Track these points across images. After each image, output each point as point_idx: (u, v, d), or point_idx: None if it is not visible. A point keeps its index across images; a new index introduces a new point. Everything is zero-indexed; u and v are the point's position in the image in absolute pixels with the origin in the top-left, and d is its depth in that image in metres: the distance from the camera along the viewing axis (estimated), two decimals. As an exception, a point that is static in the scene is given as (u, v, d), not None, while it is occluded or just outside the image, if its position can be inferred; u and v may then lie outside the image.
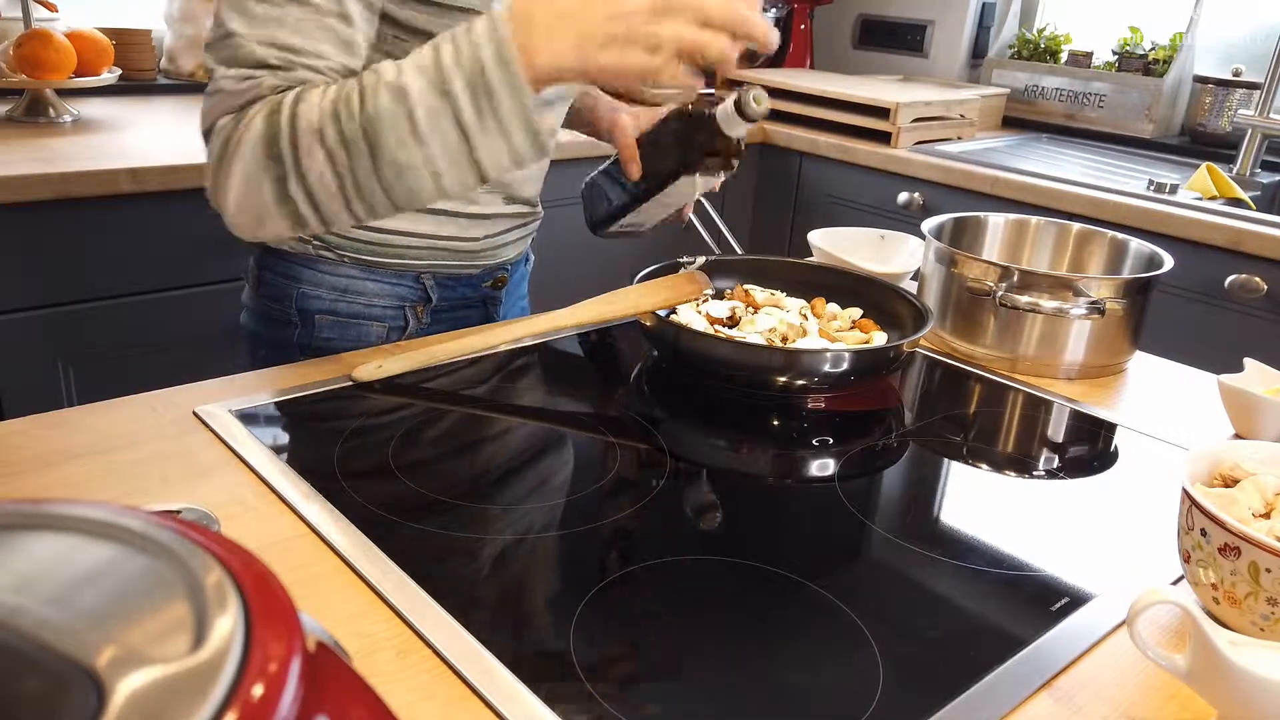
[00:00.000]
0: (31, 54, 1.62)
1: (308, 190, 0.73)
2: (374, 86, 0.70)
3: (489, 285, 1.07)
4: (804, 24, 2.72)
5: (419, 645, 0.53)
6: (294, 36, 0.74)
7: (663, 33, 0.67)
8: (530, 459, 0.75)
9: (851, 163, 2.11)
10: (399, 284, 0.99)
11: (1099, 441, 0.85)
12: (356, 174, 0.71)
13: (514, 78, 0.68)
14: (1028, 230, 1.15)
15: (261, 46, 0.74)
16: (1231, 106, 2.16)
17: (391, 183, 0.72)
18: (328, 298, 0.98)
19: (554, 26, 0.68)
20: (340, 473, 0.70)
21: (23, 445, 0.70)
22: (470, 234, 1.00)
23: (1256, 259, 1.57)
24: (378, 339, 1.00)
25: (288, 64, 0.74)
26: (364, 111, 0.70)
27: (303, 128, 0.71)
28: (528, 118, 0.70)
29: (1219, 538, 0.55)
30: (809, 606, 0.58)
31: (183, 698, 0.21)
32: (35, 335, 1.41)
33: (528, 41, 0.68)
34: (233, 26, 0.74)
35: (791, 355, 0.84)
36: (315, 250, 0.97)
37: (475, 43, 0.69)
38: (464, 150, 0.71)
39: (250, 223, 0.76)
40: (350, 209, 0.74)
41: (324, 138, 0.71)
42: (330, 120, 0.70)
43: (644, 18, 0.67)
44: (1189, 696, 0.53)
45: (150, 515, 0.27)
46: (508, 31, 0.68)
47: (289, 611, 0.24)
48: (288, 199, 0.73)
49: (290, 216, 0.74)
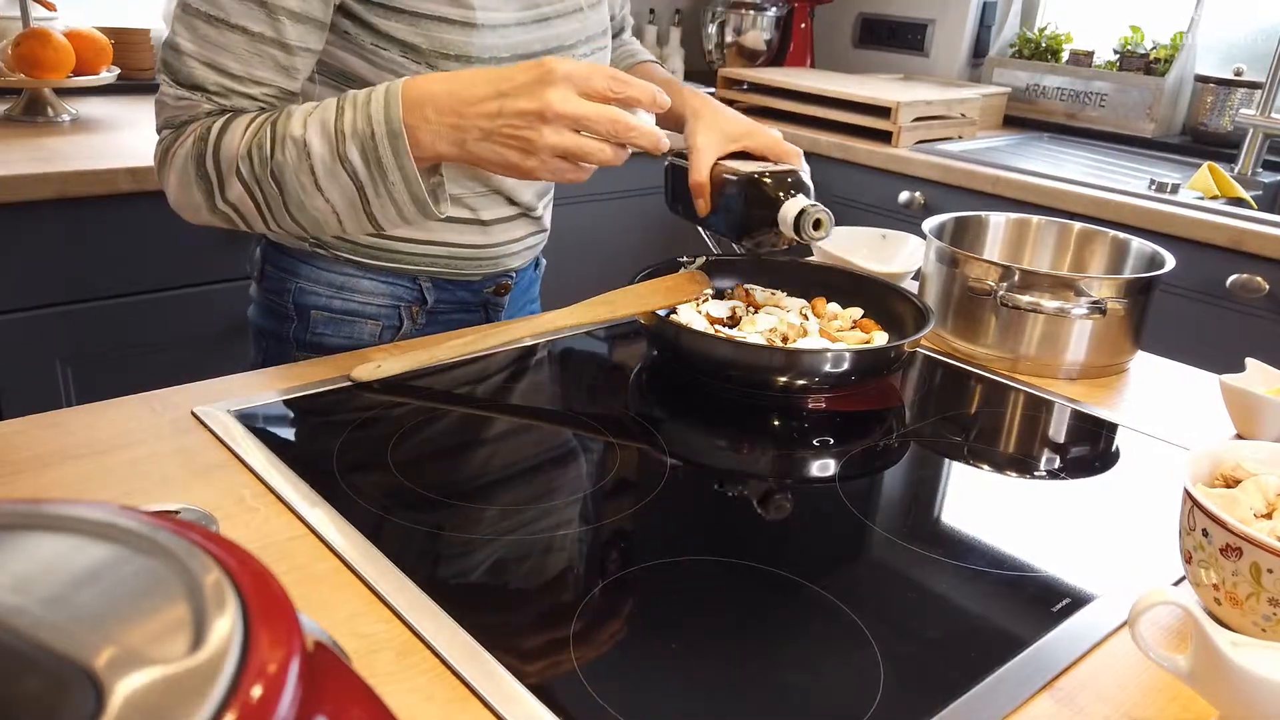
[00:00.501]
0: (30, 53, 1.62)
1: (234, 207, 0.81)
2: (281, 138, 0.77)
3: (490, 291, 1.07)
4: (804, 23, 2.72)
5: (418, 646, 0.53)
6: (234, 63, 0.80)
7: (539, 139, 0.72)
8: (530, 459, 0.75)
9: (852, 162, 2.11)
10: (395, 284, 1.00)
11: (1100, 442, 0.85)
12: (270, 204, 0.80)
13: (401, 157, 0.75)
14: (1029, 230, 1.15)
15: (202, 69, 0.80)
16: (1233, 106, 2.16)
17: (298, 217, 0.80)
18: (324, 294, 0.99)
19: (440, 116, 0.74)
20: (339, 473, 0.70)
21: (21, 445, 0.70)
22: (471, 241, 1.00)
23: (1258, 259, 1.57)
24: (371, 338, 1.00)
25: (224, 91, 0.80)
26: (272, 159, 0.77)
27: (224, 157, 0.79)
28: (413, 191, 0.77)
29: (1220, 538, 0.55)
30: (809, 606, 0.58)
31: (181, 698, 0.20)
32: (34, 335, 1.41)
33: (415, 123, 0.75)
34: (180, 41, 0.80)
35: (792, 355, 0.84)
36: (312, 247, 0.98)
37: (370, 116, 0.75)
38: (359, 204, 0.78)
39: (190, 217, 0.84)
40: (276, 226, 0.82)
41: (239, 171, 0.79)
42: (244, 159, 0.78)
43: (523, 122, 0.72)
44: (1190, 697, 0.53)
45: (149, 515, 0.27)
46: (398, 112, 0.75)
47: (288, 612, 0.24)
48: (217, 210, 0.82)
49: (224, 221, 0.83)
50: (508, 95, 0.72)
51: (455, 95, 0.74)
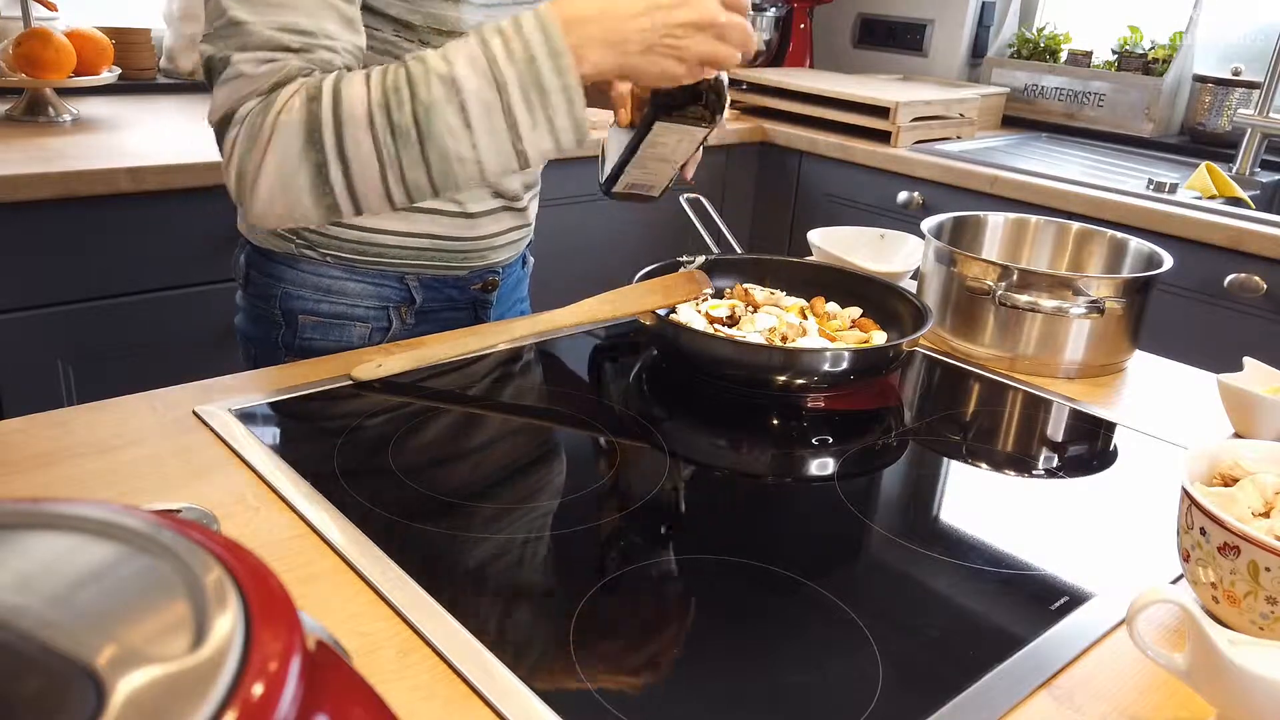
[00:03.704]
0: (31, 53, 1.62)
1: (348, 178, 0.73)
2: (424, 77, 0.72)
3: (478, 288, 1.07)
4: (804, 23, 2.72)
5: (419, 644, 0.53)
6: (304, 19, 0.74)
7: (693, 48, 0.75)
8: (530, 458, 0.75)
9: (851, 162, 2.11)
10: (382, 284, 0.99)
11: (1098, 441, 0.85)
12: (402, 162, 0.73)
13: (566, 75, 0.73)
14: (1027, 229, 1.15)
15: (275, 31, 0.73)
16: (1231, 106, 2.16)
17: (436, 170, 0.74)
18: (311, 298, 0.98)
19: (601, 32, 0.74)
20: (340, 472, 0.70)
21: (22, 444, 0.70)
22: (455, 234, 1.00)
23: (1256, 258, 1.57)
24: (360, 340, 1.00)
25: (306, 46, 0.74)
26: (415, 100, 0.72)
27: (347, 115, 0.72)
28: (575, 114, 0.74)
29: (1218, 537, 0.55)
30: (809, 606, 0.58)
31: (183, 697, 0.21)
32: (35, 335, 1.41)
33: (575, 42, 0.73)
34: (237, 14, 0.74)
35: (791, 354, 0.84)
36: (298, 249, 0.97)
37: (527, 40, 0.72)
38: (510, 140, 0.74)
39: (280, 212, 0.75)
40: (389, 196, 0.75)
41: (373, 125, 0.72)
42: (379, 109, 0.72)
43: (683, 32, 0.75)
44: (1188, 695, 0.53)
45: (150, 514, 0.27)
46: (558, 32, 0.73)
47: (289, 610, 0.24)
48: (325, 186, 0.73)
49: (324, 204, 0.75)
50: (663, 7, 0.74)
51: (610, 13, 0.74)
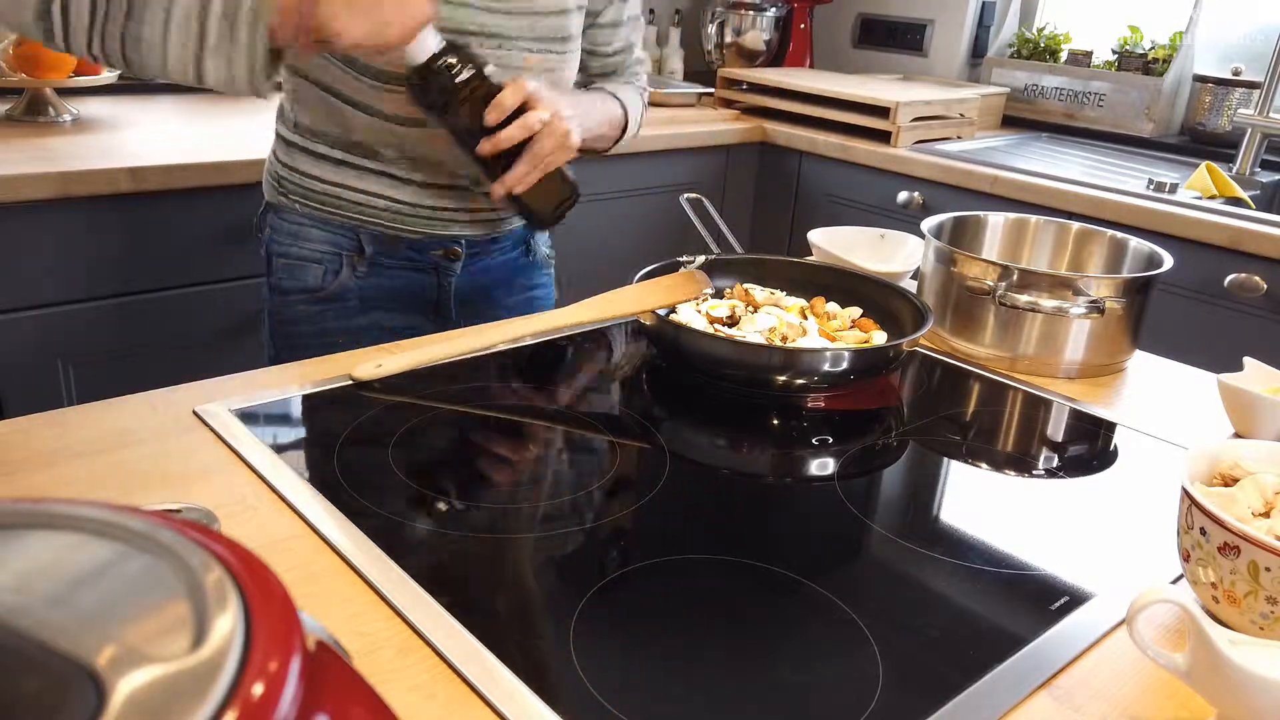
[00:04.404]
0: (31, 53, 1.62)
1: (65, 18, 0.83)
2: None
3: (439, 255, 1.12)
4: (804, 23, 2.72)
5: (419, 644, 0.53)
6: None
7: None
8: (530, 458, 0.75)
9: (851, 162, 2.11)
10: (338, 233, 1.09)
11: (1098, 441, 0.85)
12: (107, 26, 0.83)
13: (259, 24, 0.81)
14: (1027, 229, 1.15)
15: None
16: (1231, 106, 2.16)
17: (129, 46, 0.84)
18: (284, 242, 1.11)
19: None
20: (340, 471, 0.70)
21: (22, 444, 0.70)
22: (407, 199, 1.07)
23: (1256, 258, 1.57)
24: (315, 281, 1.10)
25: None
26: None
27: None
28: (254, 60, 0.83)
29: (1218, 537, 0.55)
30: (809, 606, 0.58)
31: (183, 697, 0.21)
32: (35, 335, 1.41)
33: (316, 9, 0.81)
34: None
35: (791, 354, 0.84)
36: (282, 198, 1.10)
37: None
38: (194, 50, 0.83)
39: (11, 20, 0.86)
40: (89, 48, 0.85)
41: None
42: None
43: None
44: (1188, 695, 0.53)
45: (150, 514, 0.27)
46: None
47: (289, 610, 0.24)
48: (46, 15, 0.83)
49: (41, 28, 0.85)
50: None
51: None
